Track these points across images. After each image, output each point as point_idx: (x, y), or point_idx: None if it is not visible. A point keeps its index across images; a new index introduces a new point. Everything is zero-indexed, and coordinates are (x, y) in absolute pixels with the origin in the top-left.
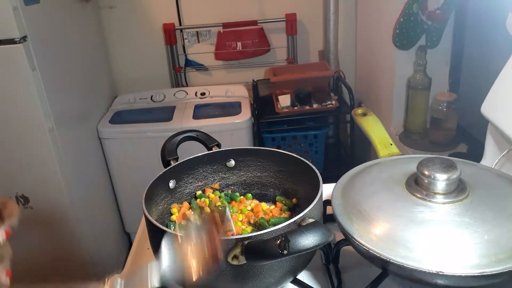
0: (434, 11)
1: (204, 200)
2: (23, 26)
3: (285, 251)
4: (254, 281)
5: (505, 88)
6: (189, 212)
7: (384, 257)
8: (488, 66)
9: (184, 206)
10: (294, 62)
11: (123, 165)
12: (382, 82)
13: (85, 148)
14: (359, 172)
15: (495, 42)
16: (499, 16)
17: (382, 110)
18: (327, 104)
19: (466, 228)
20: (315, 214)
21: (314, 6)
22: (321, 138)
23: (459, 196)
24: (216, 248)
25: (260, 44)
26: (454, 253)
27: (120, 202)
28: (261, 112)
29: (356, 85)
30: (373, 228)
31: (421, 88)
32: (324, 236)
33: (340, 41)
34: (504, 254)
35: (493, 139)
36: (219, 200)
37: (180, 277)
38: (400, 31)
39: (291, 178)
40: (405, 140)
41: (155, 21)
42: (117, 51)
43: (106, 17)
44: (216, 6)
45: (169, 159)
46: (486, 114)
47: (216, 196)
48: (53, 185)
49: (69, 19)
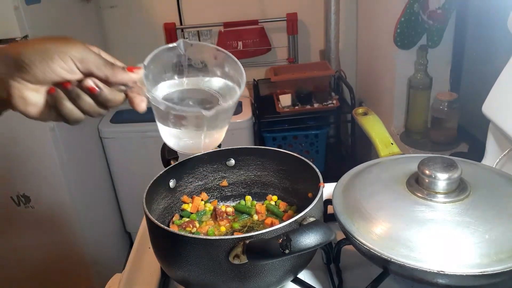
0: (435, 11)
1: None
2: (24, 26)
3: (287, 250)
4: (255, 280)
5: (506, 88)
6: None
7: (385, 257)
8: (489, 65)
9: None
10: (295, 61)
11: (124, 164)
12: (383, 81)
13: (86, 147)
14: (360, 171)
15: (496, 42)
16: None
17: (383, 109)
18: (328, 103)
19: (467, 227)
20: (316, 213)
21: (315, 5)
22: (322, 138)
23: (460, 195)
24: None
25: (261, 44)
26: (455, 253)
27: (121, 202)
28: (262, 111)
29: (357, 85)
30: (374, 228)
31: (422, 87)
32: (325, 235)
33: (341, 41)
34: (505, 254)
35: (494, 139)
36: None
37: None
38: (401, 31)
39: (291, 177)
40: (406, 139)
41: (156, 20)
42: (118, 50)
43: (107, 17)
44: (217, 5)
45: (169, 159)
46: (487, 113)
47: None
48: (54, 185)
49: (70, 19)
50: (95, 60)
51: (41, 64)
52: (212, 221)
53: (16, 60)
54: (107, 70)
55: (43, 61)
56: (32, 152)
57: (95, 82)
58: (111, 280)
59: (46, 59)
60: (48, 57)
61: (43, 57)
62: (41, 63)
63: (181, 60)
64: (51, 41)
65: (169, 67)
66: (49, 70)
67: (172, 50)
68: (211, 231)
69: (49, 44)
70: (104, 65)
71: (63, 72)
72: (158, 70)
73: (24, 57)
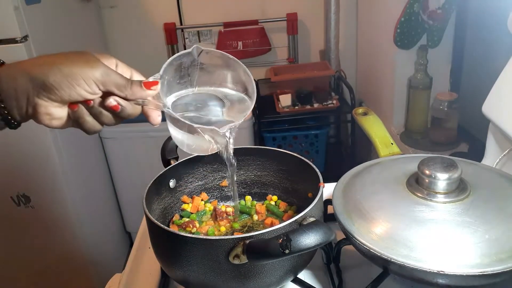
0: (435, 11)
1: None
2: (24, 26)
3: (287, 250)
4: (255, 280)
5: (506, 88)
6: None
7: (385, 257)
8: (489, 65)
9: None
10: (295, 61)
11: (124, 164)
12: (383, 81)
13: (86, 147)
14: (360, 171)
15: (496, 42)
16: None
17: (383, 109)
18: (328, 103)
19: (467, 227)
20: (316, 214)
21: (315, 5)
22: (322, 138)
23: (460, 195)
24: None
25: (261, 44)
26: (455, 253)
27: (121, 202)
28: (262, 111)
29: (357, 85)
30: (374, 228)
31: (422, 87)
32: (325, 235)
33: (341, 41)
34: (505, 254)
35: (494, 139)
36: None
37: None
38: (401, 31)
39: (291, 177)
40: (406, 139)
41: (156, 20)
42: (118, 50)
43: (107, 17)
44: (217, 5)
45: (169, 159)
46: (487, 113)
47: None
48: (54, 185)
49: (70, 19)
50: (115, 81)
51: (68, 88)
52: (212, 221)
53: (43, 82)
54: (127, 90)
55: (70, 85)
56: (32, 152)
57: (117, 100)
58: (111, 280)
59: (72, 84)
60: (74, 81)
61: (70, 82)
62: (68, 87)
63: (193, 64)
64: (76, 64)
65: (181, 71)
66: (75, 93)
67: (185, 56)
68: (211, 231)
69: (74, 68)
70: (124, 86)
71: (87, 94)
72: (171, 75)
73: (52, 80)
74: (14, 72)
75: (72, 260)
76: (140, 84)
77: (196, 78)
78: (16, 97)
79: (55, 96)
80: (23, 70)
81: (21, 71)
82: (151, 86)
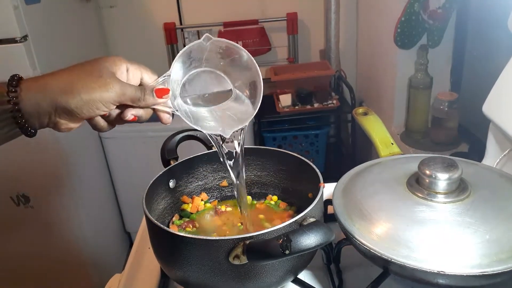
0: (435, 10)
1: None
2: (24, 26)
3: (287, 251)
4: (255, 280)
5: (507, 88)
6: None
7: (385, 257)
8: (490, 65)
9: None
10: (295, 61)
11: (124, 164)
12: (383, 81)
13: (85, 147)
14: (360, 171)
15: (497, 41)
16: (501, 15)
17: (383, 109)
18: (328, 103)
19: (467, 227)
20: (316, 214)
21: (315, 5)
22: (322, 138)
23: (461, 195)
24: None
25: (261, 44)
26: (456, 253)
27: (121, 202)
28: (262, 111)
29: (357, 85)
30: (374, 228)
31: (423, 87)
32: (326, 235)
33: (341, 40)
34: (505, 254)
35: (495, 139)
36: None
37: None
38: (401, 30)
39: (291, 177)
40: (406, 139)
41: (155, 20)
42: (117, 50)
43: (107, 16)
44: (216, 5)
45: (169, 159)
46: (487, 113)
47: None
48: (53, 185)
49: (69, 18)
50: (130, 96)
51: (88, 111)
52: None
53: (65, 108)
54: (141, 102)
55: (90, 109)
56: (32, 152)
57: (133, 113)
58: (111, 280)
59: (92, 108)
60: (94, 106)
61: (90, 107)
62: (88, 111)
63: (201, 53)
64: (95, 90)
65: (190, 60)
66: (94, 114)
67: (194, 48)
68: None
69: (94, 94)
70: (138, 98)
71: (104, 112)
72: (179, 65)
73: (74, 107)
74: (37, 97)
75: (72, 260)
76: (152, 93)
77: (204, 66)
78: (39, 117)
79: (76, 117)
80: (45, 95)
81: (43, 96)
82: (162, 95)
